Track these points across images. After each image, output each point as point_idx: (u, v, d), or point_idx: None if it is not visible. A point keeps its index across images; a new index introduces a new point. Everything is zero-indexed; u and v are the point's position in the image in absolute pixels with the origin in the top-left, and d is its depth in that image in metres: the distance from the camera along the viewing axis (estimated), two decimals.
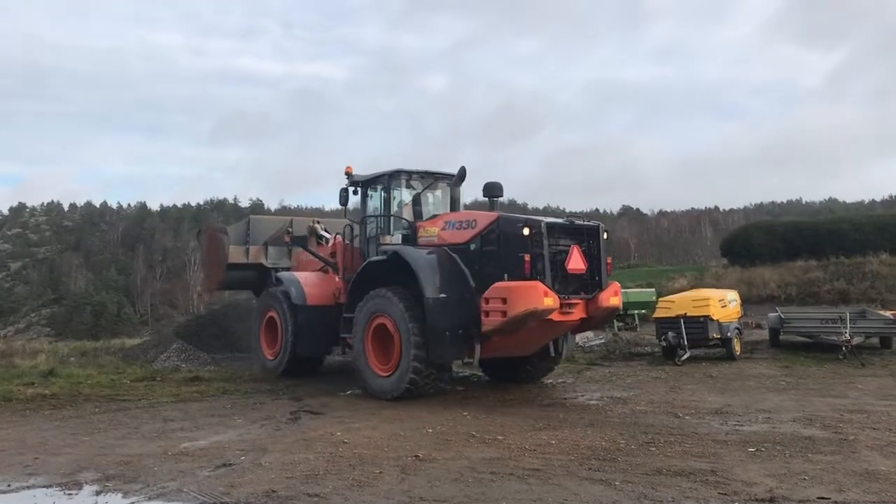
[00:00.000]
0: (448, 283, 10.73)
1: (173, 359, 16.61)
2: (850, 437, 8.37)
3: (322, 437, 8.77)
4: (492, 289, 10.28)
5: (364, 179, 13.12)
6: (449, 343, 10.56)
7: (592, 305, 10.94)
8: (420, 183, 12.85)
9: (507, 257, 10.45)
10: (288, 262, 15.59)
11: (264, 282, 15.25)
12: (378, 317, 11.38)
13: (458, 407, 10.60)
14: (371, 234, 12.91)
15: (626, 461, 7.50)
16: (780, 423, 9.23)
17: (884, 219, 36.68)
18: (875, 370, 14.03)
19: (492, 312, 10.21)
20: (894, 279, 29.27)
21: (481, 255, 10.86)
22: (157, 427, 9.50)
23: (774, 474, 6.93)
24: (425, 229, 11.93)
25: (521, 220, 10.66)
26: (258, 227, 15.58)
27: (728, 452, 7.79)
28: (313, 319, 13.19)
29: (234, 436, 8.93)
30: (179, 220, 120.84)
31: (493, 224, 10.86)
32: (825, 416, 9.57)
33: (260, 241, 15.47)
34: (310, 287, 13.50)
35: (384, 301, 11.22)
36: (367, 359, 11.57)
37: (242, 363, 17.77)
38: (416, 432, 8.96)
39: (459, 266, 10.95)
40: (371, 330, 11.52)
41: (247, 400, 11.62)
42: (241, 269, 15.44)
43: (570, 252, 10.74)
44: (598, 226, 11.27)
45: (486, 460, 7.57)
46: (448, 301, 10.58)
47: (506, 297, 10.09)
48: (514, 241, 10.45)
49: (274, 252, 15.61)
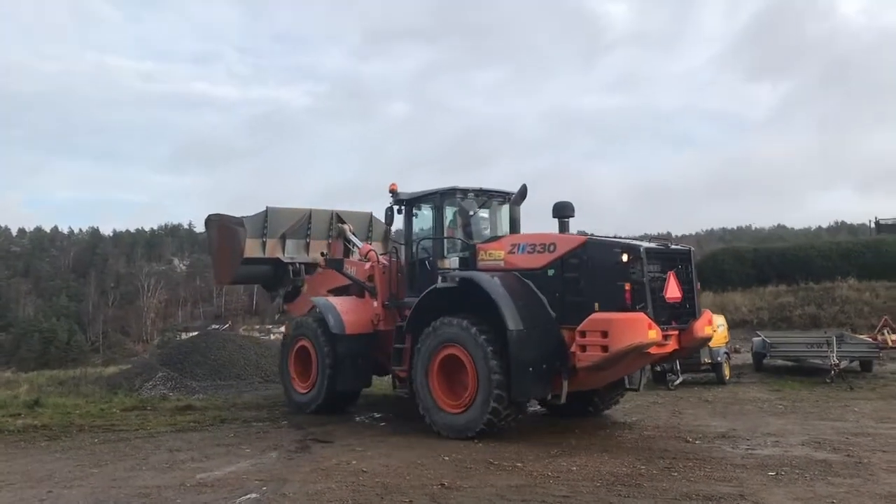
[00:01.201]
0: (529, 313, 9.80)
1: (160, 387, 16.31)
2: (863, 461, 8.50)
3: (338, 465, 8.66)
4: (589, 321, 9.35)
5: (411, 197, 12.03)
6: (533, 379, 9.66)
7: (686, 336, 10.08)
8: (475, 201, 12.02)
9: (600, 285, 9.59)
10: (306, 256, 14.53)
11: (280, 277, 14.39)
12: (448, 347, 10.33)
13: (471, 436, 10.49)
14: (419, 256, 11.92)
15: (651, 486, 7.53)
16: (791, 447, 9.35)
17: (848, 245, 37.59)
18: (864, 393, 14.29)
19: (590, 347, 9.30)
20: (863, 303, 29.94)
21: (563, 282, 9.94)
22: (164, 458, 9.29)
23: (801, 498, 7.03)
24: (488, 252, 10.93)
25: (616, 244, 9.85)
26: (276, 218, 14.20)
27: (749, 477, 7.86)
28: (354, 350, 12.18)
29: (247, 465, 8.77)
30: (133, 245, 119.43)
31: (578, 248, 9.94)
32: (832, 440, 9.71)
33: (277, 234, 14.23)
34: (347, 314, 12.34)
35: (459, 331, 10.15)
36: (431, 393, 10.49)
37: (230, 391, 17.57)
38: (433, 460, 8.89)
39: (537, 294, 10.05)
40: (437, 362, 10.48)
41: (248, 429, 11.43)
42: (257, 263, 14.29)
43: (668, 279, 9.91)
44: (689, 250, 10.61)
45: (513, 488, 7.55)
46: (531, 334, 9.68)
47: (607, 329, 9.20)
48: (608, 267, 9.58)
49: (291, 246, 14.47)
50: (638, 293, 9.44)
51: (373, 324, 12.35)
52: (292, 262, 14.25)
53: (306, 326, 12.87)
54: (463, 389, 10.20)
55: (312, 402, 12.55)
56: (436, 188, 11.69)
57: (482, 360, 9.81)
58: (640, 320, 9.26)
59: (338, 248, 14.32)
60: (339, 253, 14.11)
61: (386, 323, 12.26)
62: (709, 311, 10.67)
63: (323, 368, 12.32)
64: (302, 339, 12.93)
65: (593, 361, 9.36)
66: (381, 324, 12.28)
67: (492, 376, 9.70)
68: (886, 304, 28.84)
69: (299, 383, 12.99)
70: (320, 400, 12.41)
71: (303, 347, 12.90)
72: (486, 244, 11.10)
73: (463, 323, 10.10)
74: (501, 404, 9.73)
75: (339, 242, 14.38)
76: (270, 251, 14.12)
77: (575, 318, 9.58)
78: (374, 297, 12.52)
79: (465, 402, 10.09)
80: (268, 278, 14.70)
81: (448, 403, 10.33)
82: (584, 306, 9.56)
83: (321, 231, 14.68)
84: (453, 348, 10.25)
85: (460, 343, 10.12)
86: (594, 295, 9.56)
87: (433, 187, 11.78)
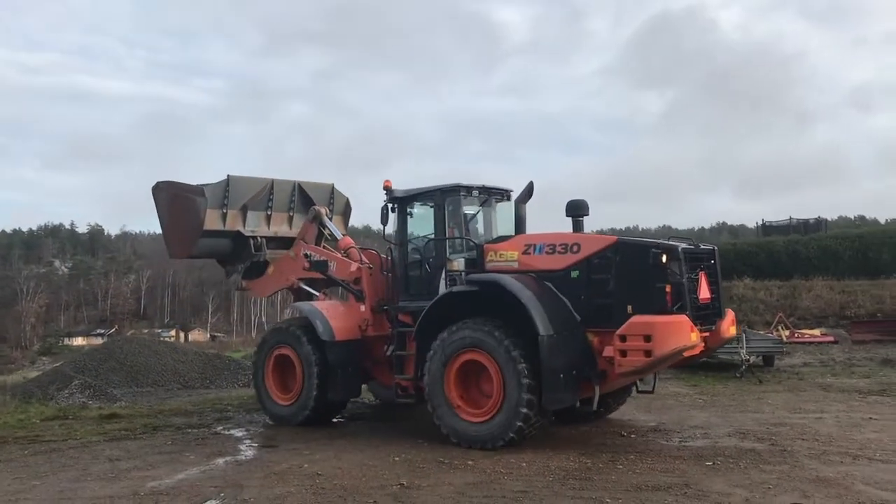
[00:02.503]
0: (557, 317, 9.34)
1: (77, 395, 15.72)
2: (787, 449, 9.17)
3: (290, 469, 8.66)
4: (630, 324, 8.92)
5: (407, 195, 11.33)
6: (564, 386, 9.19)
7: (714, 336, 9.79)
8: (477, 199, 11.36)
9: (634, 287, 9.23)
10: (267, 229, 13.47)
11: (239, 251, 13.33)
12: (468, 353, 9.71)
13: (408, 434, 10.66)
14: (415, 257, 11.31)
15: (601, 479, 7.91)
16: (719, 438, 9.95)
17: (740, 247, 39.67)
18: (772, 386, 15.28)
19: (631, 352, 8.88)
20: (758, 301, 31.70)
21: (588, 284, 9.53)
22: (106, 467, 9.05)
23: (741, 485, 7.54)
24: (498, 253, 10.32)
25: (651, 244, 9.44)
26: (237, 188, 13.03)
27: (689, 467, 8.35)
28: (344, 357, 11.44)
29: (197, 473, 8.66)
30: (9, 246, 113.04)
31: (607, 249, 9.51)
32: (755, 430, 10.37)
33: (238, 205, 13.08)
34: (335, 320, 11.56)
35: (483, 336, 9.55)
36: (448, 401, 9.84)
37: (151, 398, 17.17)
38: (384, 461, 9.01)
39: (560, 297, 9.62)
40: (455, 368, 9.88)
41: (185, 436, 11.22)
42: (216, 236, 13.09)
43: (700, 279, 9.64)
44: (714, 249, 10.37)
45: (471, 485, 7.78)
46: (560, 339, 9.21)
47: (650, 333, 8.78)
48: (644, 268, 9.21)
49: (252, 218, 13.33)
50: (677, 295, 9.16)
51: (360, 329, 11.67)
52: (253, 236, 13.26)
53: (288, 334, 12.10)
54: (483, 396, 9.80)
55: (298, 414, 11.72)
56: (437, 185, 11.06)
57: (510, 366, 9.27)
58: (683, 323, 8.97)
59: (311, 232, 13.43)
60: (311, 237, 13.34)
61: (375, 328, 11.69)
62: (731, 311, 10.53)
63: (310, 378, 11.53)
64: (282, 347, 12.10)
65: (636, 367, 9.05)
66: (369, 329, 11.67)
67: (522, 383, 9.18)
68: (780, 302, 30.65)
69: (278, 394, 12.12)
70: (308, 411, 11.62)
71: (283, 356, 12.09)
72: (496, 244, 10.53)
73: (487, 328, 9.57)
74: (532, 412, 9.27)
75: (313, 226, 13.46)
76: (231, 223, 13.09)
77: (602, 322, 9.32)
78: (361, 301, 11.89)
79: (489, 410, 9.54)
80: (226, 253, 13.62)
81: (468, 412, 9.76)
82: (614, 309, 9.23)
83: (283, 203, 13.66)
84: (475, 354, 9.67)
85: (484, 349, 9.55)
86: (627, 297, 9.20)
87: (431, 185, 11.16)
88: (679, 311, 9.04)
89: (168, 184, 13.22)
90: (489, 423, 9.46)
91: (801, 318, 27.10)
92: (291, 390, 11.92)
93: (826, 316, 27.62)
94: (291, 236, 13.57)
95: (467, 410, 9.75)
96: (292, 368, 11.94)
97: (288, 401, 11.93)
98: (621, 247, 9.47)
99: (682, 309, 9.08)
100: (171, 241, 13.55)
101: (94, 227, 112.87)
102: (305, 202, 13.75)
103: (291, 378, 11.99)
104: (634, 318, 8.95)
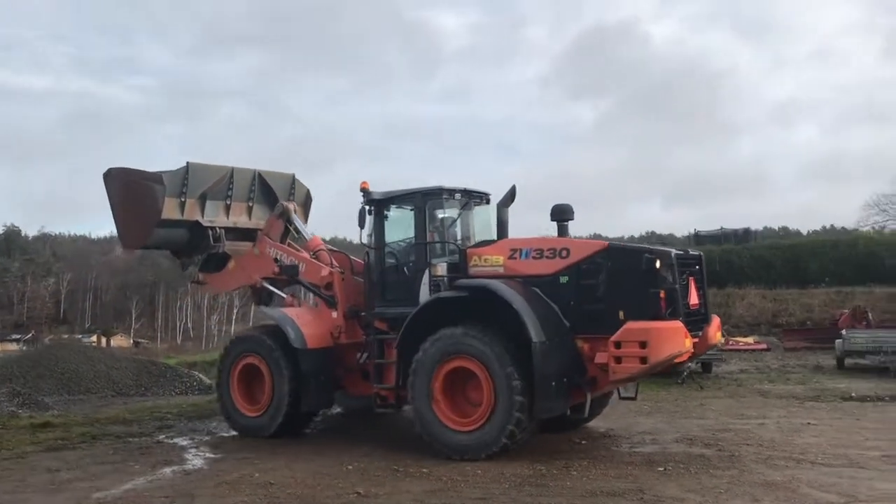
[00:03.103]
0: (548, 324, 9.19)
1: (5, 404, 15.03)
2: (735, 454, 9.37)
3: (241, 479, 8.48)
4: (625, 331, 8.86)
5: (385, 197, 10.98)
6: (556, 393, 9.05)
7: (701, 342, 9.63)
8: (457, 203, 11.09)
9: (627, 293, 9.16)
10: (226, 219, 12.83)
11: (196, 242, 12.63)
12: (456, 360, 9.45)
13: (358, 442, 10.54)
14: (393, 261, 11.01)
15: (557, 486, 7.96)
16: (668, 444, 10.12)
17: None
18: (713, 392, 15.65)
19: (626, 358, 8.82)
20: None
21: (577, 289, 9.41)
22: (45, 478, 8.72)
23: (693, 490, 7.69)
24: (482, 257, 10.09)
25: (644, 249, 9.49)
26: (197, 175, 12.32)
27: (641, 473, 8.47)
28: (317, 366, 11.02)
29: (144, 483, 8.42)
30: None
31: (597, 254, 9.43)
32: (701, 436, 10.57)
33: (196, 194, 12.40)
34: (306, 327, 11.11)
35: (473, 343, 9.30)
36: (434, 410, 9.50)
37: (85, 405, 16.60)
38: (336, 469, 8.90)
39: (550, 304, 9.45)
40: (442, 375, 9.56)
41: (126, 445, 10.87)
42: (173, 226, 12.39)
43: (689, 285, 9.62)
44: (701, 255, 10.42)
45: (429, 493, 7.75)
46: (552, 345, 9.07)
47: (646, 340, 8.76)
48: (637, 274, 9.15)
49: (211, 207, 12.65)
50: (670, 301, 9.12)
51: (332, 337, 11.24)
52: (212, 226, 12.58)
53: (255, 342, 11.61)
54: (468, 405, 9.59)
55: (269, 425, 11.16)
56: (417, 188, 10.80)
57: (502, 374, 9.06)
58: (678, 329, 8.95)
59: (277, 228, 12.89)
60: (277, 233, 12.82)
61: (347, 335, 11.29)
62: (717, 317, 10.54)
63: (281, 388, 11.05)
64: (249, 356, 11.57)
65: (631, 373, 9.02)
66: (341, 336, 11.25)
67: (513, 392, 8.98)
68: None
69: (245, 405, 11.53)
70: (279, 421, 11.09)
71: (249, 365, 11.55)
72: (479, 248, 10.30)
73: (477, 334, 9.34)
74: (523, 421, 9.08)
75: (279, 222, 12.89)
76: (189, 213, 12.38)
77: (592, 328, 9.26)
78: (333, 308, 11.47)
79: (477, 419, 9.31)
80: (183, 243, 12.85)
81: (455, 421, 9.49)
82: (605, 315, 9.15)
83: (242, 193, 13.00)
84: (464, 361, 9.41)
85: (474, 356, 9.31)
86: (619, 303, 9.12)
87: (408, 188, 10.93)
88: (672, 317, 9.04)
89: (122, 170, 12.50)
90: (477, 432, 9.22)
91: (735, 326, 27.91)
92: (259, 401, 11.41)
93: (759, 324, 28.54)
94: (251, 227, 13.01)
95: (455, 420, 9.47)
96: (260, 378, 11.43)
97: (256, 412, 11.38)
98: (613, 252, 9.45)
99: (675, 315, 9.08)
100: (125, 230, 12.82)
101: (9, 228, 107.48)
102: (266, 192, 13.20)
103: (259, 388, 11.49)
104: (629, 324, 8.90)
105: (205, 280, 13.32)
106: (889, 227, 45.52)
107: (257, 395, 11.51)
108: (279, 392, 11.09)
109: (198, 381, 19.68)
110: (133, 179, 12.37)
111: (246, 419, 11.46)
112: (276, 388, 11.13)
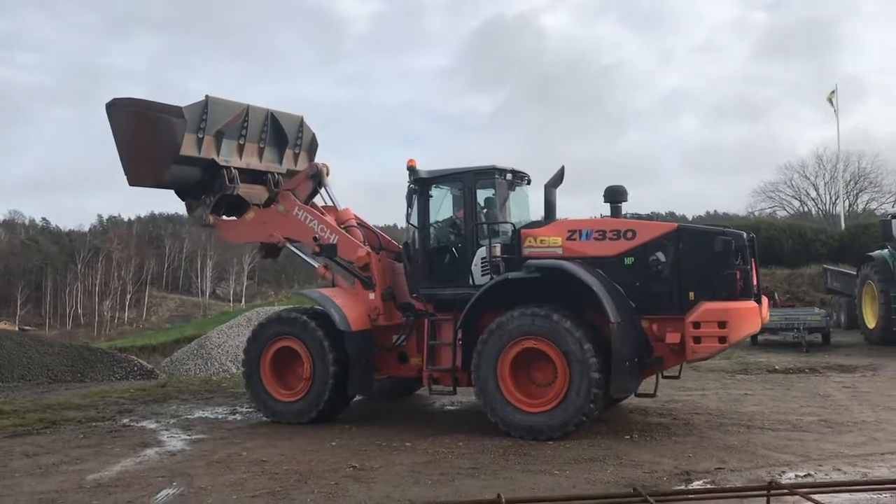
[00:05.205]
0: (620, 304, 9.33)
1: None
2: (689, 422, 10.18)
3: (230, 457, 8.67)
4: (704, 311, 8.98)
5: (434, 175, 10.78)
6: (629, 374, 9.27)
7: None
8: (506, 183, 10.94)
9: (700, 274, 9.30)
10: (239, 160, 12.05)
11: (209, 184, 11.88)
12: (525, 341, 9.44)
13: (331, 422, 10.74)
14: (441, 241, 10.93)
15: (539, 454, 8.51)
16: (628, 414, 10.85)
17: None
18: None
19: (705, 338, 8.97)
20: None
21: (645, 270, 9.50)
22: (27, 463, 8.65)
23: (665, 455, 8.39)
24: (538, 238, 10.05)
25: (717, 231, 9.59)
26: (216, 111, 11.56)
27: (612, 442, 9.10)
28: (362, 348, 10.72)
29: (133, 464, 8.48)
30: None
31: (666, 236, 9.51)
32: (654, 408, 11.29)
33: (213, 131, 11.63)
34: (348, 308, 10.82)
35: (546, 324, 9.28)
36: (503, 391, 9.50)
37: (25, 392, 16.11)
38: (321, 446, 9.19)
39: (615, 285, 9.55)
40: (511, 356, 9.55)
41: (93, 429, 10.75)
42: (189, 163, 11.59)
43: (752, 266, 9.81)
44: (754, 237, 10.40)
45: (421, 464, 8.18)
46: (625, 326, 9.20)
47: (725, 320, 8.93)
48: (709, 256, 9.27)
49: (226, 146, 11.90)
50: (745, 281, 9.40)
51: (370, 319, 10.98)
52: (227, 166, 11.86)
53: (294, 323, 11.09)
54: (534, 385, 9.63)
55: (309, 410, 10.76)
56: (467, 167, 10.69)
57: (578, 354, 9.08)
58: (754, 309, 9.32)
59: (305, 188, 12.23)
60: (304, 194, 12.14)
61: (386, 317, 11.03)
62: (766, 298, 10.81)
63: (325, 371, 10.64)
64: (284, 338, 11.10)
65: (710, 352, 9.27)
66: (380, 318, 10.97)
67: (591, 373, 9.04)
68: None
69: (279, 390, 11.09)
70: (321, 406, 10.71)
71: (284, 348, 11.11)
72: (534, 229, 10.25)
73: (554, 316, 9.31)
74: (598, 401, 9.19)
75: (309, 183, 12.24)
76: (206, 150, 11.62)
77: (656, 309, 9.46)
78: (370, 289, 11.13)
79: (551, 399, 9.33)
80: (194, 183, 12.02)
81: (523, 402, 9.49)
82: (674, 296, 9.36)
83: (255, 133, 12.29)
84: (534, 341, 9.41)
85: (547, 336, 9.31)
86: (689, 284, 9.29)
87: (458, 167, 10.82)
88: (744, 298, 9.35)
89: (131, 101, 11.69)
90: (549, 413, 9.28)
91: None
92: (292, 385, 11.07)
93: None
94: (261, 170, 12.36)
95: (524, 401, 9.49)
96: (292, 361, 11.11)
97: (292, 397, 10.98)
98: (683, 233, 9.54)
99: (747, 295, 9.38)
100: (135, 166, 11.86)
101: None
102: (276, 133, 12.59)
103: (292, 372, 11.15)
104: (707, 304, 9.05)
105: (215, 223, 12.50)
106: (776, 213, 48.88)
107: (289, 378, 11.18)
108: (322, 376, 10.71)
109: (137, 365, 19.29)
110: (146, 111, 11.57)
111: (281, 404, 11.03)
112: (318, 371, 10.75)
